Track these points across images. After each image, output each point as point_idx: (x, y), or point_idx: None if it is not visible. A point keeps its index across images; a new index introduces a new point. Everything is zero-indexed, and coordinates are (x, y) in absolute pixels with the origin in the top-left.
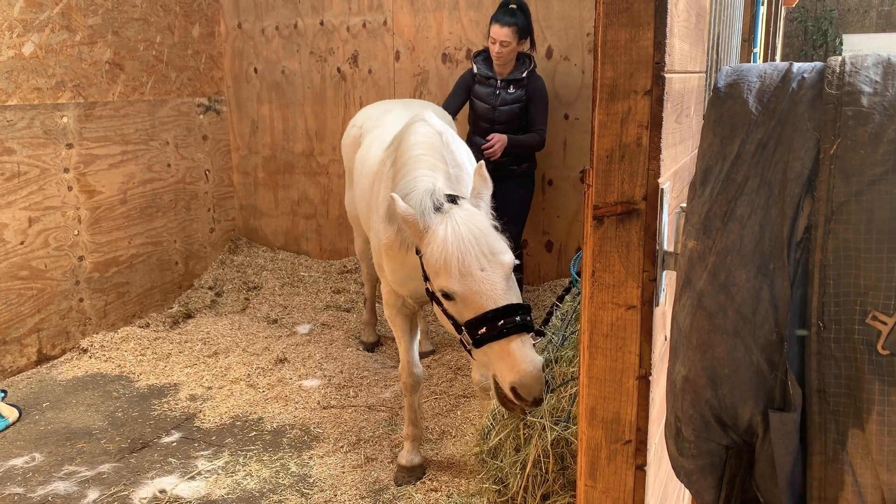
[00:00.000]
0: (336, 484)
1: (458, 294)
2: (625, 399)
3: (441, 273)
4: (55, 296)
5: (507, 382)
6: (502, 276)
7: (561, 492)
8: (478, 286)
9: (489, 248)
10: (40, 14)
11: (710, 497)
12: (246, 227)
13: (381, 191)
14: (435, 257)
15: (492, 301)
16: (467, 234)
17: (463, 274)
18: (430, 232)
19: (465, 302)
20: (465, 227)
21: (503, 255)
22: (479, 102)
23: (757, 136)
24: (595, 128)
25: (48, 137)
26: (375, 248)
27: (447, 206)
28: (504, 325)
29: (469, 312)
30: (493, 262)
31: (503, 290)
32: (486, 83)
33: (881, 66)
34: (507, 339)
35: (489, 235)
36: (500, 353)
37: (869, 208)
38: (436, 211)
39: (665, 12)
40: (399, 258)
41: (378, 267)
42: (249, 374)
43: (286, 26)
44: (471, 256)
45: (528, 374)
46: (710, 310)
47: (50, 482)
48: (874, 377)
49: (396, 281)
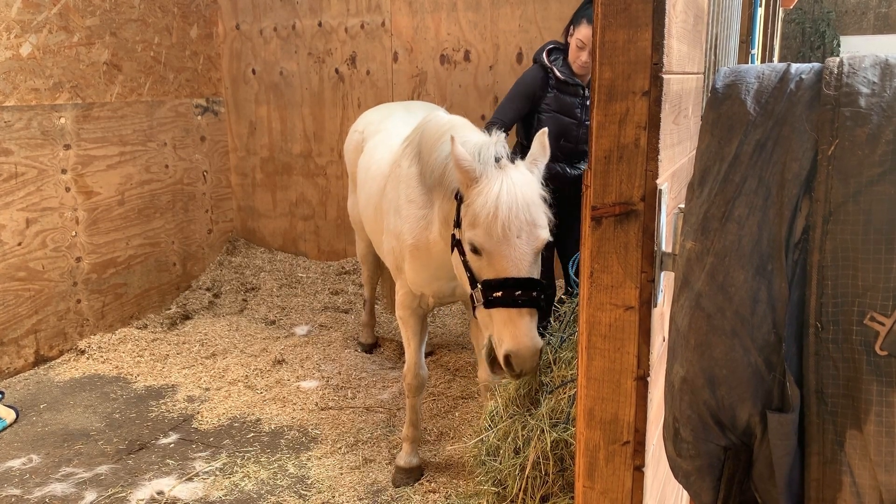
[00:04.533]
0: (334, 485)
1: (486, 251)
2: (623, 400)
3: (480, 226)
4: (53, 297)
5: (504, 349)
6: (534, 248)
7: (560, 493)
8: (509, 251)
9: (533, 219)
10: (38, 15)
11: (708, 498)
12: (244, 228)
13: (399, 192)
14: (481, 209)
15: (516, 269)
16: (520, 198)
17: (504, 235)
18: (484, 182)
19: (490, 261)
20: (519, 189)
21: (542, 230)
22: (558, 116)
23: (755, 136)
24: (593, 128)
25: (46, 138)
26: (391, 249)
27: (505, 161)
28: (520, 295)
29: (491, 272)
30: (531, 234)
31: (530, 262)
32: (570, 91)
33: (879, 67)
34: (519, 310)
35: (537, 205)
36: (506, 320)
37: (867, 209)
38: (495, 163)
39: (663, 13)
40: (423, 258)
41: (395, 269)
42: (247, 375)
43: (284, 27)
44: (516, 221)
45: (527, 349)
46: (709, 310)
47: (47, 484)
48: (872, 378)
49: (419, 281)
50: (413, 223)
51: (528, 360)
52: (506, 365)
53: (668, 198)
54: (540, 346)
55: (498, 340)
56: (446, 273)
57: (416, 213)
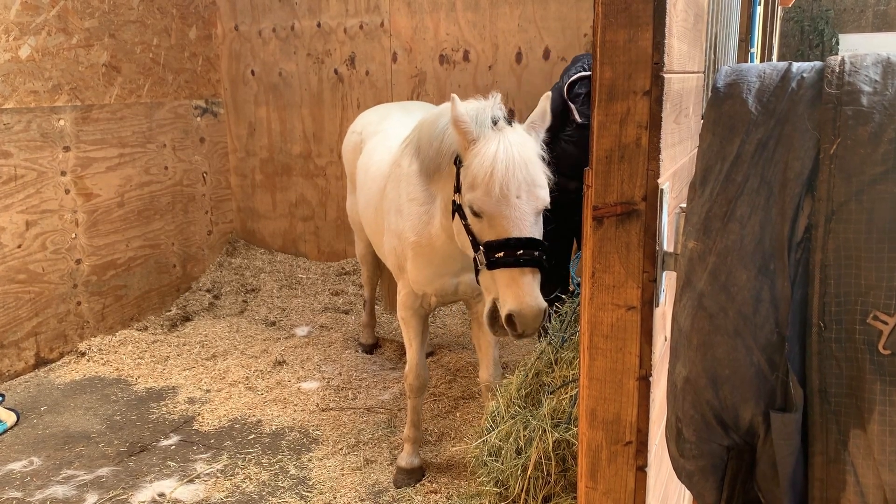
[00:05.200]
0: (335, 486)
1: (487, 213)
2: (625, 400)
3: (479, 188)
4: (53, 299)
5: (507, 309)
6: (534, 209)
7: (563, 494)
8: (509, 211)
9: (531, 178)
10: (37, 17)
11: (711, 498)
12: (244, 229)
13: (400, 191)
14: (478, 169)
15: (517, 229)
16: (518, 157)
17: (502, 195)
18: (481, 143)
19: (491, 222)
20: (516, 149)
21: (541, 190)
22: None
23: (756, 135)
24: (594, 128)
25: (45, 140)
26: (393, 249)
27: (503, 123)
28: (523, 255)
29: (492, 234)
30: (531, 194)
31: (531, 222)
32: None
33: (881, 65)
34: (521, 269)
35: (536, 164)
36: (509, 280)
37: (869, 208)
38: (492, 125)
39: (664, 12)
40: (427, 255)
41: (397, 269)
42: (248, 376)
43: (283, 28)
44: (514, 180)
45: (530, 308)
46: (711, 310)
47: (48, 486)
48: (875, 377)
49: (422, 280)
50: (415, 220)
51: (531, 319)
52: (508, 325)
53: (670, 197)
54: (543, 307)
55: (502, 301)
56: (449, 269)
57: (418, 209)
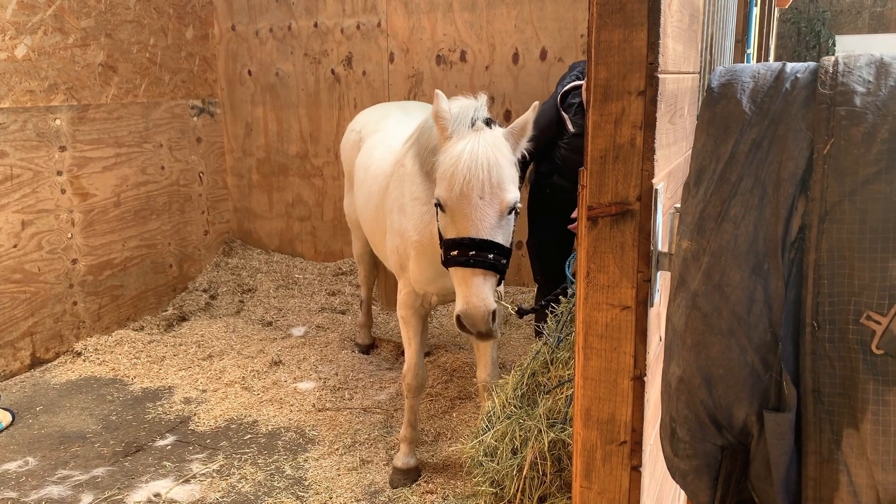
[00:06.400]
0: (331, 487)
1: (449, 209)
2: (620, 400)
3: (443, 183)
4: (49, 299)
5: (456, 309)
6: (497, 210)
7: (558, 494)
8: (468, 210)
9: (497, 180)
10: (33, 16)
11: (705, 498)
12: (240, 229)
13: (403, 190)
14: (446, 166)
15: (475, 230)
16: (483, 158)
17: (463, 194)
18: (454, 140)
19: (452, 219)
20: (484, 150)
21: (507, 193)
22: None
23: (751, 136)
24: (589, 128)
25: (41, 140)
26: (395, 248)
27: (480, 125)
28: (474, 255)
29: (452, 231)
30: (494, 195)
31: (491, 225)
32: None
33: (874, 65)
34: (472, 270)
35: (503, 167)
36: (461, 279)
37: (863, 208)
38: (470, 125)
39: (659, 13)
40: (429, 253)
41: (399, 268)
42: (244, 376)
43: (280, 28)
44: (476, 180)
45: (475, 308)
46: (705, 310)
47: (44, 486)
48: (869, 377)
49: (424, 279)
50: (417, 219)
51: (477, 320)
52: (458, 324)
53: (665, 197)
54: (491, 309)
55: (456, 300)
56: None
57: (421, 209)
